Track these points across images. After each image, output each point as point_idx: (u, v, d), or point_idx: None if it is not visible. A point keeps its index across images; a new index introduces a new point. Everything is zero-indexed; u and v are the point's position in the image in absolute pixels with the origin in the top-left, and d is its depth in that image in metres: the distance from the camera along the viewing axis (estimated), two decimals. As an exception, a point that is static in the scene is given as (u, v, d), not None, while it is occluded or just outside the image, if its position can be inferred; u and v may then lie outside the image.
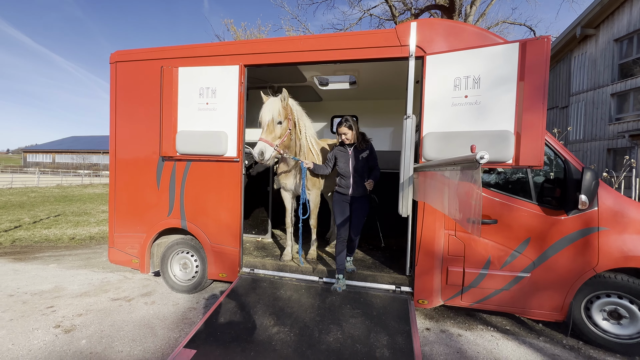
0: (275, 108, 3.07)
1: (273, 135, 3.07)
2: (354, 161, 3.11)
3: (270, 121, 3.05)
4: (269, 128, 3.06)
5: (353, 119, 3.13)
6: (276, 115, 3.06)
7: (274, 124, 3.07)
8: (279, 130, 3.11)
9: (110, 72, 3.83)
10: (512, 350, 2.77)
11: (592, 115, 14.47)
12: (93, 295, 3.76)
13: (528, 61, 2.50)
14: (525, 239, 2.85)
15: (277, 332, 2.62)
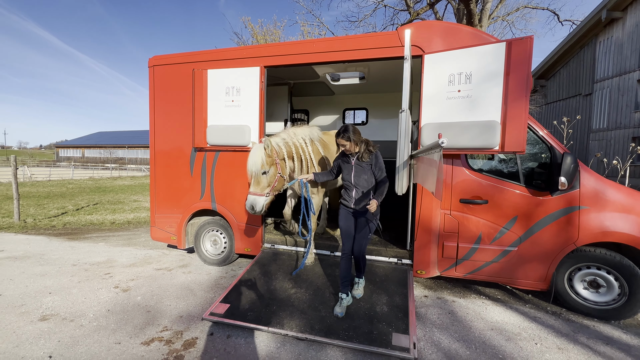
0: (258, 158, 3.04)
1: (261, 185, 3.11)
2: (356, 172, 2.85)
3: (255, 173, 3.07)
4: (256, 180, 3.09)
5: (353, 127, 2.79)
6: (258, 167, 3.05)
7: (259, 175, 3.07)
8: (265, 180, 3.11)
9: (149, 75, 4.41)
10: (499, 313, 3.17)
11: (617, 102, 14.02)
12: (139, 266, 4.43)
13: (513, 59, 2.84)
14: (513, 217, 3.21)
15: (294, 292, 3.15)
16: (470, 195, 3.32)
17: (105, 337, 2.68)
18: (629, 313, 2.95)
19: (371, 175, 2.83)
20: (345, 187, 2.96)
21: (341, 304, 2.84)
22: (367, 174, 2.82)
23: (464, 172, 3.34)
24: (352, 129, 2.76)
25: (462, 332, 2.81)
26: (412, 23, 3.60)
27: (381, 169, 2.82)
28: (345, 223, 2.95)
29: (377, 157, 2.82)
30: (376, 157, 2.82)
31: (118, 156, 51.00)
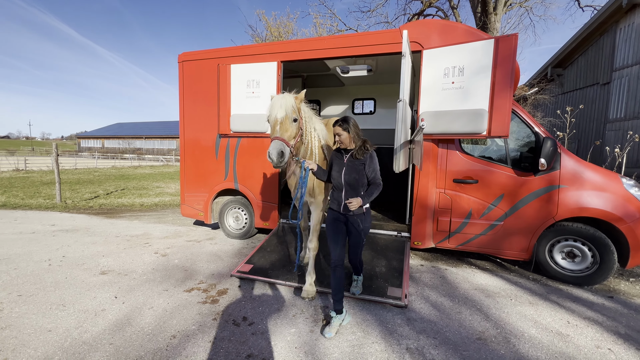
0: (289, 104, 2.64)
1: (289, 133, 2.62)
2: (347, 171, 2.53)
3: (284, 118, 2.59)
4: (284, 126, 2.59)
5: (354, 121, 2.56)
6: (290, 112, 2.62)
7: (288, 120, 2.61)
8: (294, 129, 2.66)
9: (178, 70, 4.97)
10: (485, 278, 3.63)
11: (636, 91, 13.76)
12: (172, 238, 5.09)
13: (500, 54, 3.22)
14: (500, 195, 3.63)
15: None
16: (462, 175, 3.75)
17: (155, 286, 3.31)
18: (600, 279, 3.36)
19: (363, 176, 2.50)
20: (334, 188, 2.65)
21: (331, 324, 2.48)
22: (358, 174, 2.50)
23: (458, 155, 3.76)
24: (352, 121, 2.53)
25: (449, 290, 3.30)
26: (413, 22, 3.99)
27: (374, 171, 2.52)
28: (332, 229, 2.63)
29: (372, 157, 2.54)
30: (371, 157, 2.53)
31: (136, 147, 52.75)
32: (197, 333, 2.48)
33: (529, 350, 2.31)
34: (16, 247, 4.51)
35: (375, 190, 2.53)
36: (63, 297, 3.04)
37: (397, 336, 2.47)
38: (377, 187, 2.54)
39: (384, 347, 2.33)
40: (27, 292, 3.13)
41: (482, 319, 2.74)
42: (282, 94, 2.73)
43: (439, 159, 3.81)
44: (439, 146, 3.79)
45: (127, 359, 2.17)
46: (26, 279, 3.43)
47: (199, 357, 2.21)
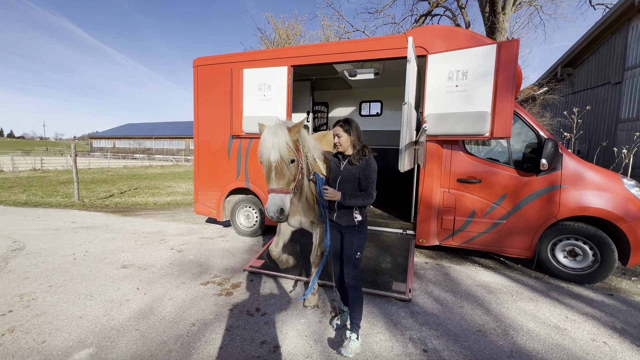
0: (282, 142, 2.16)
1: (286, 179, 2.19)
2: (343, 179, 2.30)
3: (279, 161, 2.15)
4: (280, 171, 2.17)
5: (355, 123, 2.32)
6: (285, 153, 2.16)
7: (285, 164, 2.18)
8: (292, 171, 2.24)
9: (193, 74, 5.19)
10: (487, 276, 3.75)
11: (649, 91, 13.57)
12: (186, 235, 5.33)
13: (502, 59, 3.34)
14: (503, 194, 3.74)
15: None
16: (466, 175, 3.87)
17: (173, 279, 3.53)
18: (600, 277, 3.45)
19: (357, 186, 2.25)
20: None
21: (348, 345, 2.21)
22: (353, 183, 2.26)
23: (462, 155, 3.89)
24: (355, 123, 2.31)
25: (452, 286, 3.43)
26: (418, 27, 4.12)
27: (367, 179, 2.21)
28: (332, 238, 2.45)
29: (369, 164, 2.24)
30: (367, 164, 2.23)
31: (146, 147, 53.71)
32: (215, 322, 2.68)
33: (526, 342, 2.44)
34: (42, 242, 4.80)
35: (362, 198, 2.18)
36: (89, 288, 3.28)
37: (400, 327, 2.62)
38: (365, 196, 2.18)
39: (388, 337, 2.49)
40: (56, 283, 3.38)
41: (482, 313, 2.87)
42: (274, 127, 2.22)
43: (443, 160, 3.93)
44: (444, 147, 3.92)
45: (152, 343, 2.38)
46: (54, 271, 3.69)
47: (217, 342, 2.40)
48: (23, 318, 2.69)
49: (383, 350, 2.32)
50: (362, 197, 2.20)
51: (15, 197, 9.27)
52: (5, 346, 2.31)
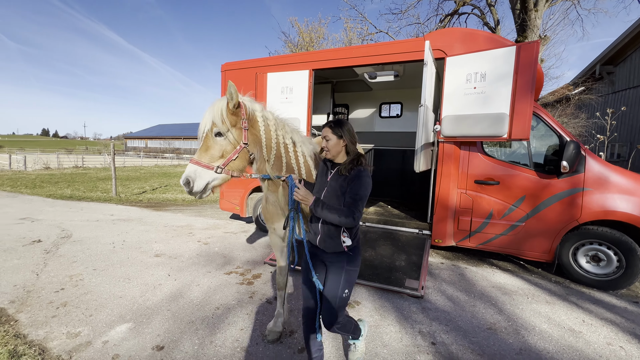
0: (216, 111, 1.91)
1: (210, 153, 1.94)
2: (328, 192, 1.85)
3: (207, 133, 1.94)
4: (204, 143, 1.96)
5: (348, 126, 1.87)
6: (209, 125, 1.92)
7: (211, 135, 1.95)
8: (219, 146, 1.95)
9: (221, 78, 5.53)
10: (504, 278, 3.73)
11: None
12: (212, 230, 5.67)
13: (521, 60, 3.33)
14: (521, 196, 3.71)
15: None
16: (484, 177, 3.87)
17: (200, 268, 3.82)
18: (625, 284, 3.34)
19: (342, 198, 1.77)
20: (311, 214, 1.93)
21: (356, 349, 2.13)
22: (339, 199, 1.78)
23: (479, 157, 3.89)
24: (348, 126, 1.86)
25: (466, 286, 3.46)
26: (436, 31, 4.17)
27: (354, 194, 1.71)
28: (305, 267, 1.98)
29: (361, 176, 1.74)
30: (358, 175, 1.75)
31: (175, 147, 56.26)
32: (237, 307, 2.91)
33: (537, 342, 2.46)
34: (86, 231, 5.31)
35: (339, 214, 1.67)
36: (127, 272, 3.64)
37: (411, 321, 2.72)
38: (343, 213, 1.67)
39: (398, 329, 2.60)
40: (99, 267, 3.78)
41: (495, 312, 2.90)
42: (219, 99, 1.99)
43: (460, 161, 3.96)
44: (461, 148, 3.95)
45: (181, 322, 2.64)
46: (97, 257, 4.11)
47: (238, 325, 2.62)
48: (73, 295, 3.06)
49: (392, 341, 2.44)
50: (339, 213, 1.67)
51: (62, 191, 10.17)
52: (60, 317, 2.67)
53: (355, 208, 1.69)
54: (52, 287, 3.21)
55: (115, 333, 2.47)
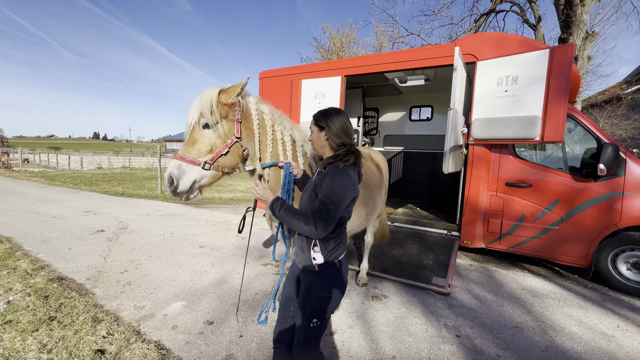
0: (204, 101, 1.71)
1: (197, 148, 1.74)
2: (307, 190, 1.62)
3: (194, 125, 1.75)
4: (191, 136, 1.75)
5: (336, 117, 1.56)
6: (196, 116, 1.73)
7: (198, 127, 1.75)
8: (207, 140, 1.75)
9: (259, 84, 5.95)
10: (536, 282, 3.70)
11: None
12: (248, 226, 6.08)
13: (555, 63, 3.33)
14: (555, 200, 3.67)
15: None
16: (515, 179, 3.87)
17: (239, 259, 4.20)
18: (670, 292, 3.19)
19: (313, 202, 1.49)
20: None
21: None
22: (312, 202, 1.50)
23: (511, 159, 3.90)
24: (335, 118, 1.56)
25: (494, 287, 3.49)
26: (467, 36, 4.23)
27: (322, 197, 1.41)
28: (287, 283, 1.77)
29: (335, 174, 1.44)
30: (332, 173, 1.45)
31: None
32: (273, 293, 3.21)
33: (565, 342, 2.49)
34: (139, 224, 5.96)
35: (297, 218, 1.40)
36: (177, 260, 4.10)
37: (437, 315, 2.85)
38: (302, 218, 1.39)
39: (423, 322, 2.74)
40: (154, 254, 4.28)
41: (523, 312, 2.94)
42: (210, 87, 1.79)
43: (491, 163, 3.99)
44: (492, 151, 3.98)
45: (226, 303, 2.99)
46: (151, 246, 4.64)
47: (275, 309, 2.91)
48: (135, 276, 3.54)
49: (418, 331, 2.60)
50: (300, 218, 1.39)
51: (114, 189, 11.28)
52: (127, 293, 3.13)
53: (321, 214, 1.37)
54: (118, 269, 3.73)
55: (172, 308, 2.86)
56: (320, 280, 1.53)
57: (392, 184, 6.99)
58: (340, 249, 1.57)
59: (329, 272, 1.54)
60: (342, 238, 1.60)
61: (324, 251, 1.51)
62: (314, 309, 1.51)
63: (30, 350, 2.26)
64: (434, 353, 2.32)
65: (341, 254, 1.59)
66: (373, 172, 2.96)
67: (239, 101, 1.80)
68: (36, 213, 6.58)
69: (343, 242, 1.60)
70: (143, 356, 2.21)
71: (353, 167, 1.51)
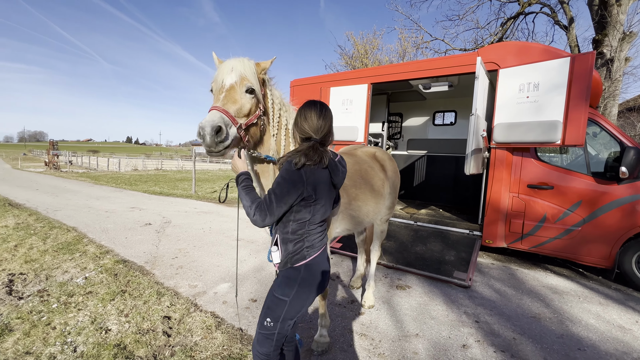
0: (247, 67, 1.69)
1: (237, 107, 1.62)
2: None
3: (233, 85, 1.64)
4: (230, 95, 1.62)
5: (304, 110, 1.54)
6: (250, 77, 1.68)
7: (239, 89, 1.64)
8: (246, 103, 1.65)
9: (290, 92, 6.41)
10: (558, 280, 3.82)
11: None
12: (277, 223, 6.52)
13: (576, 71, 3.50)
14: (577, 202, 3.78)
15: (385, 242, 4.51)
16: (537, 181, 4.02)
17: (272, 251, 4.61)
18: (696, 294, 3.23)
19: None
20: None
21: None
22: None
23: (533, 162, 4.06)
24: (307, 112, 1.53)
25: (515, 283, 3.66)
26: (490, 45, 4.45)
27: (270, 188, 1.45)
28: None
29: (284, 169, 1.45)
30: (283, 168, 1.46)
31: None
32: (306, 280, 3.58)
33: (581, 332, 2.65)
34: (180, 219, 6.56)
35: (248, 202, 1.44)
36: (218, 250, 4.58)
37: (457, 304, 3.09)
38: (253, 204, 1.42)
39: (444, 308, 3.00)
40: (197, 244, 4.79)
41: (541, 306, 3.11)
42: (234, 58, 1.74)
43: (513, 166, 4.15)
44: (514, 154, 4.15)
45: (266, 285, 3.38)
46: (194, 238, 5.17)
47: (309, 292, 3.27)
48: (185, 262, 4.04)
49: (439, 316, 2.86)
50: (247, 198, 1.45)
51: (152, 188, 12.19)
52: (181, 275, 3.61)
53: (263, 203, 1.41)
54: (169, 255, 4.25)
55: (220, 288, 3.30)
56: (279, 281, 1.51)
57: (415, 186, 7.20)
58: (302, 255, 1.48)
59: (288, 276, 1.49)
60: (305, 243, 1.49)
61: (283, 253, 1.50)
62: (268, 308, 1.49)
63: (111, 314, 2.76)
64: (454, 333, 2.58)
65: (303, 260, 1.47)
66: (374, 171, 2.77)
67: (264, 79, 1.83)
68: (91, 208, 7.39)
69: (309, 248, 1.49)
70: (202, 322, 2.63)
71: (296, 163, 1.40)
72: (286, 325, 1.48)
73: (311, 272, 1.49)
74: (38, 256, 4.05)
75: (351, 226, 2.49)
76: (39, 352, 2.25)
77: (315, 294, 1.52)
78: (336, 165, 1.56)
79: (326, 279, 1.58)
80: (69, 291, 3.13)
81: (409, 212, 5.43)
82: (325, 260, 1.58)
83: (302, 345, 2.25)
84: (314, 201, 1.47)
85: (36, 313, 2.74)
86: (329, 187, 1.53)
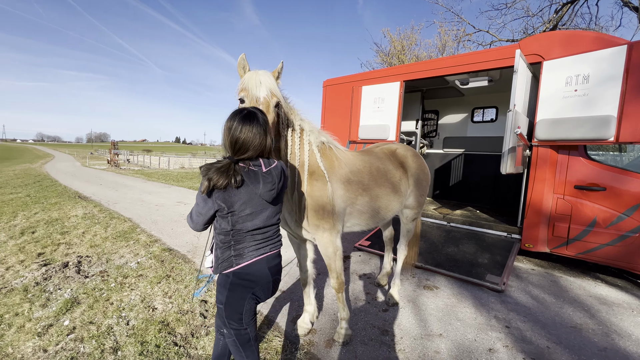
0: (272, 83, 1.80)
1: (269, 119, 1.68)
2: None
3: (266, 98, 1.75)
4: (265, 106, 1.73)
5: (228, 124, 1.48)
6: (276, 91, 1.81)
7: (270, 104, 1.76)
8: (272, 116, 1.77)
9: (323, 91, 6.53)
10: (608, 291, 3.48)
11: None
12: (309, 220, 6.71)
13: (634, 60, 3.15)
14: (634, 205, 3.41)
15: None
16: (586, 182, 3.69)
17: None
18: None
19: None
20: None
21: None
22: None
23: (582, 161, 3.73)
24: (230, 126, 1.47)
25: (557, 291, 3.41)
26: (533, 35, 4.16)
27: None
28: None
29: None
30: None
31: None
32: (333, 275, 3.67)
33: (629, 346, 2.42)
34: (219, 213, 7.02)
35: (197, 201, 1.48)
36: (252, 243, 4.85)
37: (487, 308, 2.98)
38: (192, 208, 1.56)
39: (473, 311, 2.91)
40: (233, 237, 5.12)
41: (585, 316, 2.88)
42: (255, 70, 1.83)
43: (557, 165, 3.85)
44: (559, 152, 3.84)
45: (294, 278, 3.55)
46: (231, 231, 5.52)
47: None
48: (221, 252, 4.35)
49: (466, 318, 2.78)
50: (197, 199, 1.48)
51: (196, 185, 13.11)
52: (217, 263, 3.92)
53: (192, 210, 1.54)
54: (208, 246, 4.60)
55: (252, 278, 3.53)
56: (216, 289, 1.55)
57: (451, 186, 6.93)
58: (230, 262, 1.48)
59: (219, 282, 1.53)
60: (232, 252, 1.48)
61: (216, 258, 1.54)
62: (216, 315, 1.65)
63: (157, 295, 3.10)
64: (481, 337, 2.50)
65: (230, 268, 1.48)
66: (388, 168, 2.73)
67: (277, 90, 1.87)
68: (144, 202, 8.20)
69: (237, 257, 1.48)
70: (234, 307, 2.86)
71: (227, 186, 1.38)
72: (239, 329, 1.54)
73: (242, 278, 1.48)
74: (100, 242, 4.64)
75: (361, 222, 2.56)
76: (99, 322, 2.62)
77: (256, 297, 1.52)
78: (263, 176, 1.46)
79: (265, 287, 1.54)
80: (124, 273, 3.57)
81: (442, 213, 5.27)
82: (263, 269, 1.52)
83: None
84: (227, 214, 1.43)
85: (98, 290, 3.18)
86: (256, 197, 1.45)
